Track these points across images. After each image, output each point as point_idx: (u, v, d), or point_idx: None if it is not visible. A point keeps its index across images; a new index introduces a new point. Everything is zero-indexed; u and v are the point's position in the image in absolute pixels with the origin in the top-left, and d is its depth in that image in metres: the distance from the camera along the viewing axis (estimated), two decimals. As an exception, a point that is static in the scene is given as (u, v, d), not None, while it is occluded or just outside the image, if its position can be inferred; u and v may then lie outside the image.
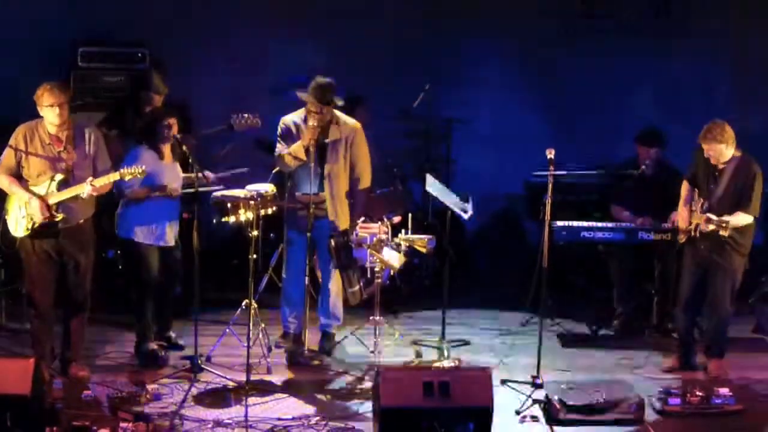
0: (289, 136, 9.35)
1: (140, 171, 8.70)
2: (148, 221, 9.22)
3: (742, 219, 9.03)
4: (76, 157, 8.71)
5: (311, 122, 9.19)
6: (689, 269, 9.26)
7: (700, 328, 9.65)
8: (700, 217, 9.08)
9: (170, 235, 9.33)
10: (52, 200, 8.61)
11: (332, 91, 9.29)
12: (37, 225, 8.64)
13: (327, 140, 9.36)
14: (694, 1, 12.09)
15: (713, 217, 8.94)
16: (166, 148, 9.32)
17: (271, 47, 11.96)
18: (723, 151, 9.05)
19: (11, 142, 8.72)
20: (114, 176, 8.67)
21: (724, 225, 8.86)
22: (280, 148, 9.36)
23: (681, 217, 9.32)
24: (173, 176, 9.33)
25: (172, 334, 9.68)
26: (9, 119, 9.12)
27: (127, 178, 8.72)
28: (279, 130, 9.43)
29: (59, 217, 8.65)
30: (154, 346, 9.44)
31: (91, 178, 8.61)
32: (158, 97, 10.47)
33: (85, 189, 8.58)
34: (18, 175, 8.71)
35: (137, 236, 9.24)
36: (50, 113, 8.60)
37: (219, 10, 11.91)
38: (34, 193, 8.62)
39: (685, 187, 9.33)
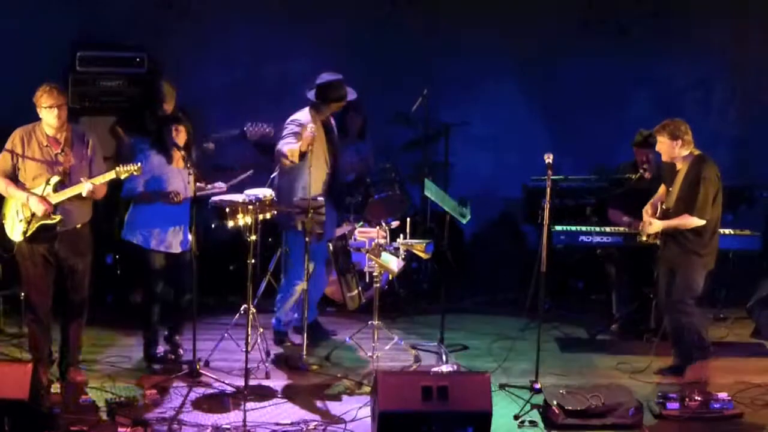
0: (300, 133, 9.35)
1: (136, 168, 8.69)
2: (153, 225, 9.20)
3: (687, 222, 9.03)
4: (74, 160, 8.71)
5: (311, 126, 9.17)
6: (661, 270, 9.31)
7: None
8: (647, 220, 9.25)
9: (173, 240, 9.28)
10: (51, 201, 8.61)
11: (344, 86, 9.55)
12: (36, 227, 8.61)
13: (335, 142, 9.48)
14: (694, 3, 12.08)
15: (647, 223, 9.16)
16: (176, 153, 9.30)
17: (269, 51, 11.95)
18: (674, 148, 9.05)
19: (8, 145, 8.72)
20: (110, 174, 8.67)
21: (649, 233, 9.19)
22: (286, 142, 9.34)
23: (645, 214, 9.37)
24: (180, 181, 9.30)
25: (178, 340, 9.62)
26: (8, 123, 9.10)
27: (123, 176, 8.70)
28: (291, 125, 9.41)
29: (57, 218, 8.64)
30: (162, 348, 9.44)
31: (86, 177, 8.60)
32: (166, 105, 10.47)
33: (84, 187, 8.57)
34: (14, 179, 8.70)
35: (138, 240, 9.22)
36: (49, 115, 8.60)
37: (216, 14, 11.90)
38: (32, 192, 8.61)
39: (661, 188, 9.37)
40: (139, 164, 8.73)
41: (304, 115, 9.49)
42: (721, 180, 9.14)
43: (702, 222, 8.99)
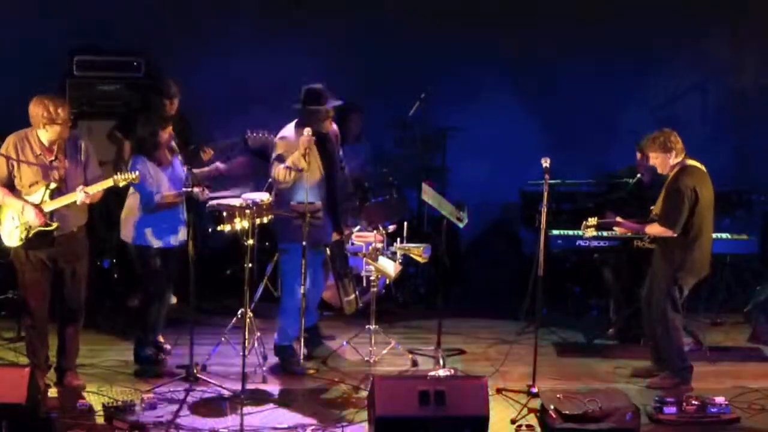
0: (290, 153, 9.28)
1: (133, 177, 8.69)
2: (157, 224, 9.20)
3: (652, 230, 9.12)
4: (69, 166, 8.69)
5: (307, 131, 9.16)
6: (648, 274, 9.35)
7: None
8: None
9: (180, 234, 9.30)
10: (46, 208, 8.59)
11: (329, 93, 9.38)
12: (32, 233, 8.61)
13: (331, 145, 9.44)
14: (693, 10, 12.08)
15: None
16: (163, 154, 9.29)
17: (268, 55, 11.95)
18: (668, 160, 9.10)
19: (2, 151, 8.69)
20: (107, 183, 8.66)
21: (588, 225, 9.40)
22: (276, 165, 9.27)
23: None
24: (173, 177, 9.29)
25: (161, 339, 9.66)
26: (5, 128, 9.09)
27: (121, 184, 8.70)
28: (279, 149, 9.32)
29: (54, 225, 8.63)
30: (152, 350, 9.44)
31: (82, 186, 8.59)
32: (171, 102, 10.47)
33: (78, 196, 8.57)
34: (10, 186, 8.68)
35: (147, 241, 9.21)
36: (51, 133, 8.56)
37: (215, 18, 11.89)
38: (27, 201, 8.60)
39: None
40: (136, 173, 8.72)
41: (289, 131, 9.41)
42: (714, 190, 9.14)
43: (671, 232, 9.00)
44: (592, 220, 9.37)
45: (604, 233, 10.02)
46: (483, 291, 11.65)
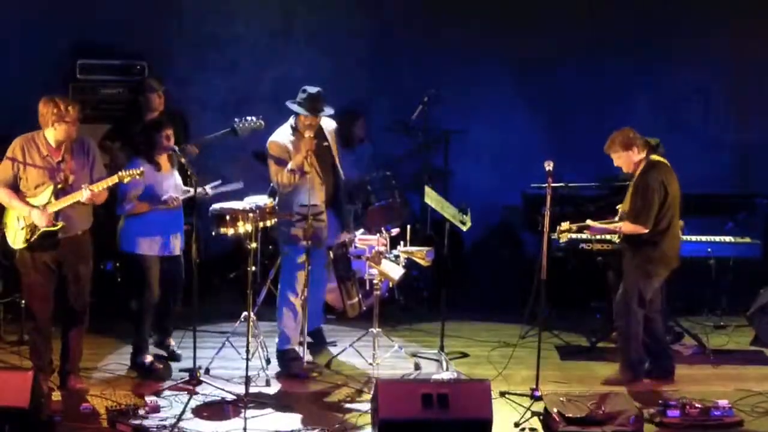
0: (285, 155, 9.32)
1: (138, 173, 8.68)
2: (152, 233, 9.20)
3: (624, 228, 9.14)
4: (76, 167, 8.69)
5: (308, 133, 9.17)
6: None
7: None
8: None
9: (174, 244, 9.31)
10: (51, 209, 8.59)
11: (323, 100, 9.32)
12: (38, 235, 8.59)
13: (326, 145, 9.42)
14: (694, 12, 12.09)
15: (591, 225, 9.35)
16: (163, 159, 9.30)
17: (269, 58, 11.97)
18: (631, 157, 9.12)
19: (8, 154, 8.69)
20: (113, 179, 8.65)
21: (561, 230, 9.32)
22: (277, 169, 9.31)
23: None
24: (172, 186, 9.32)
25: (172, 343, 9.68)
26: (8, 131, 9.10)
27: (126, 180, 8.70)
28: (273, 152, 9.34)
29: (60, 224, 8.62)
30: (149, 358, 9.43)
31: (87, 184, 8.58)
32: (156, 96, 10.47)
33: (83, 194, 8.56)
34: (15, 188, 8.69)
35: (141, 249, 9.21)
36: (60, 132, 8.56)
37: (217, 20, 11.92)
38: (33, 206, 8.60)
39: None
40: (141, 169, 8.73)
41: (281, 134, 9.41)
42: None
43: (643, 229, 9.03)
44: (566, 225, 9.35)
45: (607, 236, 10.02)
46: (486, 294, 11.65)
